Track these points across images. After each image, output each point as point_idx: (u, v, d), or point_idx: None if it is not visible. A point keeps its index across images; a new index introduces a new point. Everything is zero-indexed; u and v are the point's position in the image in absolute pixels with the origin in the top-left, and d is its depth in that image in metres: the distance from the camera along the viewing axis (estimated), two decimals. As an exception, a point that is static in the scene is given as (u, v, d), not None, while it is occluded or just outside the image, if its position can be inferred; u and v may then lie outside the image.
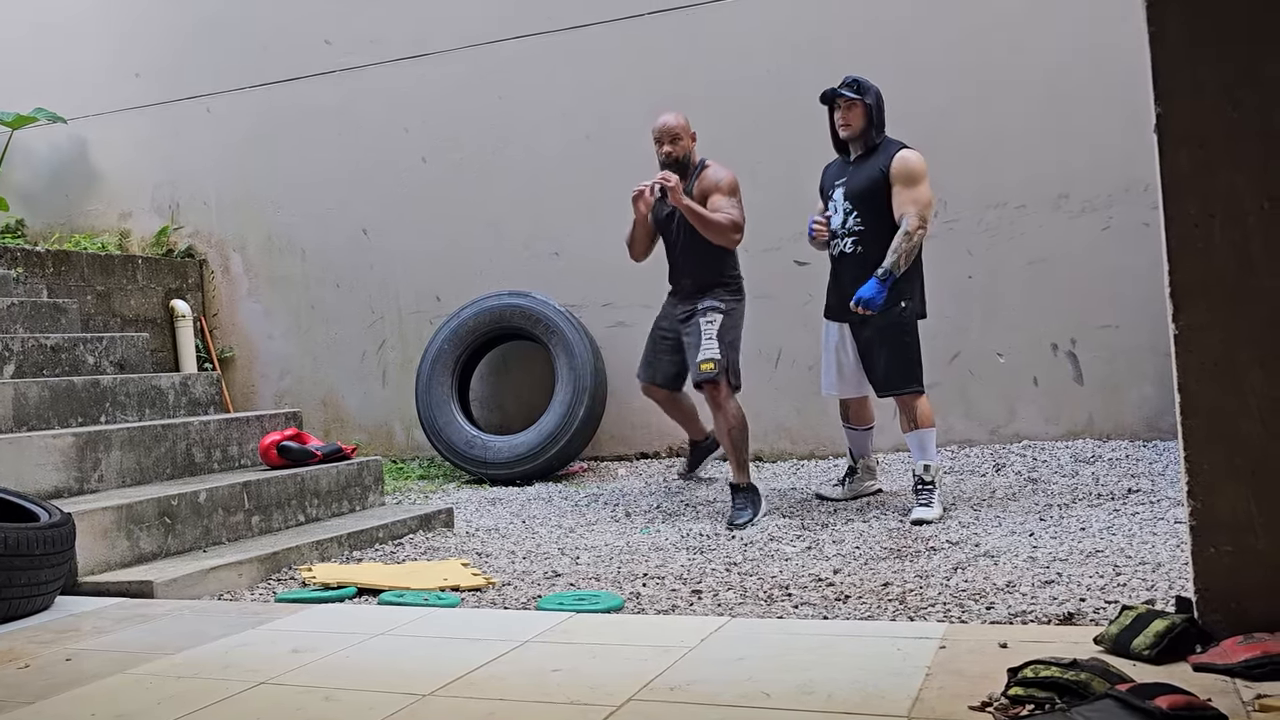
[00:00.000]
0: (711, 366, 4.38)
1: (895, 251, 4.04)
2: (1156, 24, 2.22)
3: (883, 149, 4.18)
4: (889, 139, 4.22)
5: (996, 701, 1.99)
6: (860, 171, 4.21)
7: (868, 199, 4.16)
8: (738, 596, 3.07)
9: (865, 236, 4.17)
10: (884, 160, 4.15)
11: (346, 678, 2.39)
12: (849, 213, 4.22)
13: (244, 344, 6.91)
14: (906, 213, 4.06)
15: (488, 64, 6.26)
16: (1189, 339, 2.20)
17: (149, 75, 7.07)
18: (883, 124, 4.22)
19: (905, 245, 4.03)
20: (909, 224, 4.04)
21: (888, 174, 4.12)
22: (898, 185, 4.10)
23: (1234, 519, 2.18)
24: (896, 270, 4.04)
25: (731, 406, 4.37)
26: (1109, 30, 4.98)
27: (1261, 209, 2.15)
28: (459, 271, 6.30)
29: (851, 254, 4.21)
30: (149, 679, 2.45)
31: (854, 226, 4.20)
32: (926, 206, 4.10)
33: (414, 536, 4.24)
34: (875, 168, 4.17)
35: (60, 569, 3.20)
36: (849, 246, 4.22)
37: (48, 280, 5.93)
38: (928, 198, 4.12)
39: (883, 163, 4.15)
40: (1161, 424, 5.04)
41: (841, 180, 4.27)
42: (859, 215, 4.19)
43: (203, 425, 4.43)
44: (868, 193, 4.16)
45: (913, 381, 4.15)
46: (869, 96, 4.17)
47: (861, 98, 4.16)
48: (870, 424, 4.49)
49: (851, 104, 4.18)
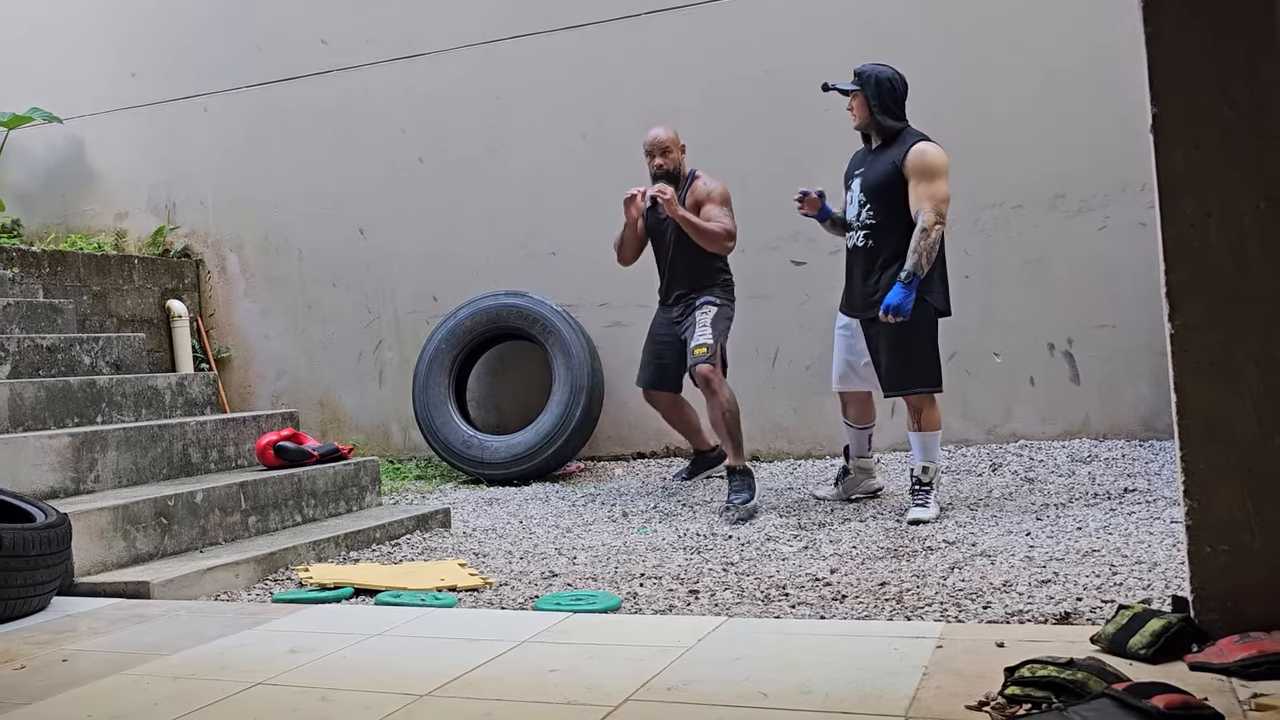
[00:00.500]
0: (704, 350, 4.52)
1: (915, 252, 3.91)
2: (1153, 24, 2.22)
3: (901, 140, 4.05)
4: (911, 130, 4.08)
5: (993, 701, 1.99)
6: (876, 163, 4.11)
7: (881, 192, 4.05)
8: (735, 596, 3.07)
9: (877, 231, 4.07)
10: (900, 153, 4.02)
11: (343, 678, 2.39)
12: (863, 205, 4.12)
13: (240, 344, 6.91)
14: (922, 209, 3.93)
15: (484, 64, 6.25)
16: (1185, 339, 2.21)
17: (145, 75, 7.06)
18: (895, 112, 4.08)
19: (924, 244, 3.90)
20: (924, 220, 3.91)
21: (902, 167, 4.01)
22: (913, 180, 3.98)
23: (1230, 518, 2.18)
24: (920, 271, 3.90)
25: (725, 391, 4.51)
26: (1106, 30, 4.98)
27: (1258, 209, 2.15)
28: (456, 271, 6.29)
29: (863, 248, 4.12)
30: (145, 679, 2.45)
31: (866, 220, 4.10)
32: (943, 202, 3.95)
33: (411, 537, 4.24)
34: (890, 160, 4.05)
35: (57, 570, 3.19)
36: (860, 240, 4.13)
37: (44, 280, 5.92)
38: (944, 193, 3.97)
39: (898, 155, 4.03)
40: (1158, 424, 5.04)
41: (860, 171, 4.17)
42: (872, 208, 4.08)
43: (199, 425, 4.43)
44: (881, 186, 4.05)
45: (923, 381, 4.04)
46: (868, 87, 4.07)
47: (860, 89, 4.08)
48: (870, 423, 4.42)
49: (853, 94, 4.12)
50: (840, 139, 4.73)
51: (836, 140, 4.94)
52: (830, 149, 4.91)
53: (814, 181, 4.48)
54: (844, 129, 4.43)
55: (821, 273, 5.54)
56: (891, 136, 4.09)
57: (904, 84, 4.13)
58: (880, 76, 4.09)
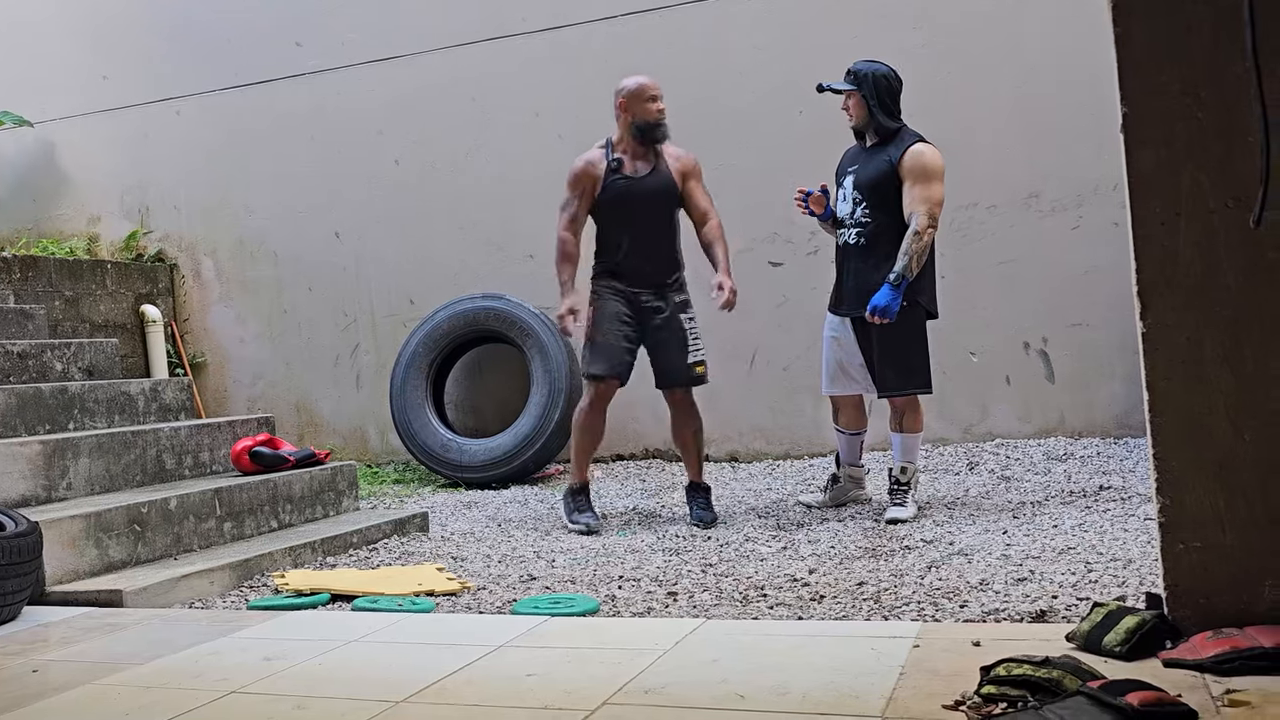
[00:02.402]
0: (704, 370, 4.34)
1: (906, 254, 3.90)
2: (1121, 25, 2.24)
3: (898, 140, 4.02)
4: (908, 130, 4.06)
5: (970, 700, 2.00)
6: (871, 161, 4.08)
7: (875, 190, 4.03)
8: (713, 598, 3.07)
9: (870, 229, 4.05)
10: (896, 152, 4.00)
11: (319, 686, 2.37)
12: (857, 203, 4.09)
13: (216, 349, 6.86)
14: (916, 211, 3.93)
15: (460, 66, 6.23)
16: (1156, 337, 2.22)
17: (117, 78, 7.00)
18: (892, 110, 4.06)
19: (916, 246, 3.90)
20: (918, 223, 3.91)
21: (897, 166, 3.98)
22: (909, 181, 3.96)
23: (1202, 515, 2.20)
24: (909, 274, 3.91)
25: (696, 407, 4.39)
26: (1076, 31, 5.02)
27: (1225, 207, 2.17)
28: (433, 274, 6.27)
29: (855, 245, 4.09)
30: (117, 689, 2.42)
31: (860, 218, 4.07)
32: (937, 205, 3.95)
33: (389, 541, 4.22)
34: (886, 159, 4.02)
35: (27, 579, 3.15)
36: (853, 237, 4.09)
37: (14, 286, 5.86)
38: (939, 196, 3.96)
39: (894, 154, 4.00)
40: (1132, 421, 5.08)
41: (853, 168, 4.13)
42: (866, 206, 4.06)
43: (173, 431, 4.39)
44: (876, 184, 4.03)
45: (916, 383, 4.04)
46: (865, 86, 4.03)
47: (857, 89, 4.04)
48: (863, 429, 4.37)
49: (849, 94, 4.07)
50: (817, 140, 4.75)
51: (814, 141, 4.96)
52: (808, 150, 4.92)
53: (796, 182, 4.43)
54: (820, 130, 4.45)
55: (799, 274, 5.56)
56: (889, 135, 4.06)
57: (900, 81, 4.10)
58: (877, 74, 4.05)
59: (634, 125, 4.27)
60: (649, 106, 4.26)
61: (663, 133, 4.29)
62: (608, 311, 4.29)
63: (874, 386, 4.15)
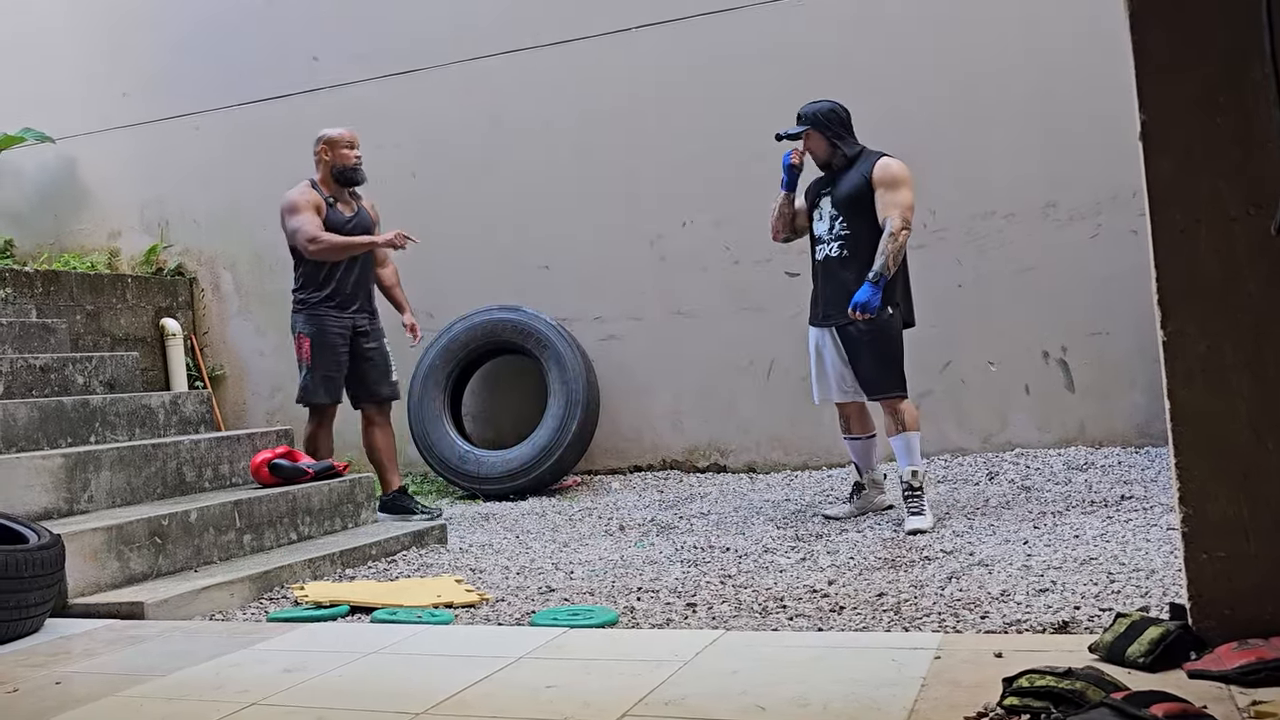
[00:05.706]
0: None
1: (883, 254, 4.12)
2: (1139, 33, 2.23)
3: (864, 159, 4.30)
4: (869, 150, 4.33)
5: (992, 712, 1.98)
6: (845, 180, 4.31)
7: (853, 204, 4.26)
8: (732, 609, 3.06)
9: (850, 241, 4.26)
10: (866, 166, 4.27)
11: (338, 697, 2.38)
12: (835, 218, 4.31)
13: (235, 362, 6.89)
14: (890, 215, 4.16)
15: (476, 79, 6.26)
16: (1177, 345, 2.21)
17: (137, 94, 7.06)
18: (848, 137, 4.32)
19: (891, 246, 4.12)
20: (893, 225, 4.14)
21: (870, 179, 4.23)
22: (880, 189, 4.22)
23: (1226, 524, 2.18)
24: (887, 272, 4.12)
25: None
26: (1093, 40, 5.00)
27: (1246, 214, 2.16)
28: (450, 286, 6.29)
29: (837, 258, 4.29)
30: (139, 701, 2.43)
31: (840, 231, 4.29)
32: (909, 209, 4.20)
33: (407, 553, 4.23)
34: (859, 174, 4.28)
35: (50, 591, 3.17)
36: (834, 250, 4.30)
37: (36, 300, 5.91)
38: (909, 200, 4.22)
39: (865, 169, 4.27)
40: (1153, 430, 5.04)
41: (828, 190, 4.37)
42: (845, 220, 4.28)
43: (193, 444, 4.41)
44: (853, 198, 4.26)
45: (898, 386, 4.22)
46: (818, 124, 4.29)
47: (812, 127, 4.29)
48: (872, 432, 4.44)
49: (805, 134, 4.32)
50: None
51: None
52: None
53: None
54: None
55: (815, 284, 5.54)
56: (855, 157, 4.31)
57: (845, 110, 4.35)
58: (822, 111, 4.33)
59: (334, 169, 4.87)
60: (346, 154, 4.85)
61: (360, 176, 4.90)
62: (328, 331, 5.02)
63: (863, 392, 4.29)
